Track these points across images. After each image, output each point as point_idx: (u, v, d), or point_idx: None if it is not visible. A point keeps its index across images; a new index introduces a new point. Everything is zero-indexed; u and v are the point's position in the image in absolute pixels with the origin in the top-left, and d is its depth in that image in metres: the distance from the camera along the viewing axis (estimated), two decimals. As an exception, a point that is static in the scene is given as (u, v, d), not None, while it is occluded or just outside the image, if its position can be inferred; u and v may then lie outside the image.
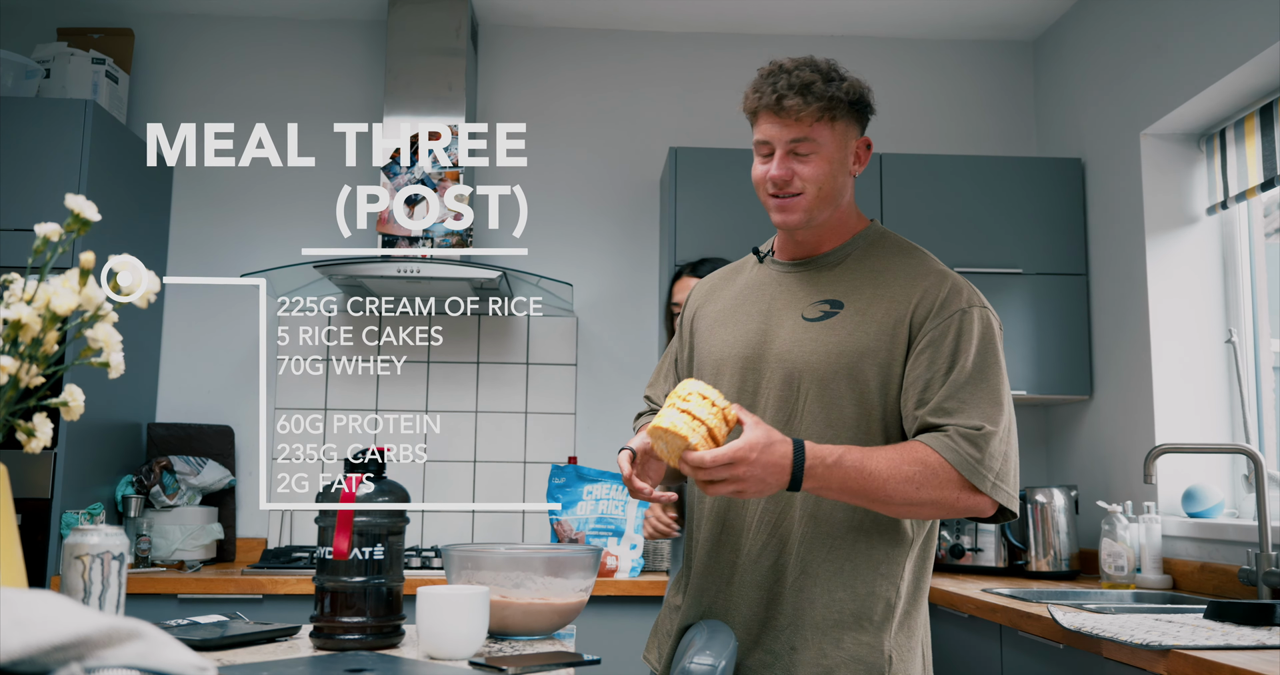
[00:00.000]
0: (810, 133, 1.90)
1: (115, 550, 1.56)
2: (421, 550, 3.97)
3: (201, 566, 3.89)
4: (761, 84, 1.93)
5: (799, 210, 1.94)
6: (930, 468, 1.79)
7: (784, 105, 1.89)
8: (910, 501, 1.79)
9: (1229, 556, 3.26)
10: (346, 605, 1.85)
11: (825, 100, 1.89)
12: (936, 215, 4.16)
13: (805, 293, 2.00)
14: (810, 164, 1.92)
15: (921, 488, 1.78)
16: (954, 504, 1.81)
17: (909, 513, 1.84)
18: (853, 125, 1.96)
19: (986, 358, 1.87)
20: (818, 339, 1.92)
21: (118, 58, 4.26)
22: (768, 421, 1.92)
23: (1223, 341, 3.68)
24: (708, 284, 2.22)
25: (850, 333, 1.91)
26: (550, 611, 1.97)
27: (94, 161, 3.75)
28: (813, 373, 1.91)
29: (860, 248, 2.02)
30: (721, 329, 2.07)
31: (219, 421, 4.30)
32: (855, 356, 1.89)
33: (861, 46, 4.70)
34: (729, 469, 1.69)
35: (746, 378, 1.98)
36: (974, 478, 1.79)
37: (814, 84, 1.89)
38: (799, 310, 1.97)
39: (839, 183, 1.95)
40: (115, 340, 1.37)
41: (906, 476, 1.77)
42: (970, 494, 1.81)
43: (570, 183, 4.56)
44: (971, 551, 4.00)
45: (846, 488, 1.77)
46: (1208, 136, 3.74)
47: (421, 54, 4.26)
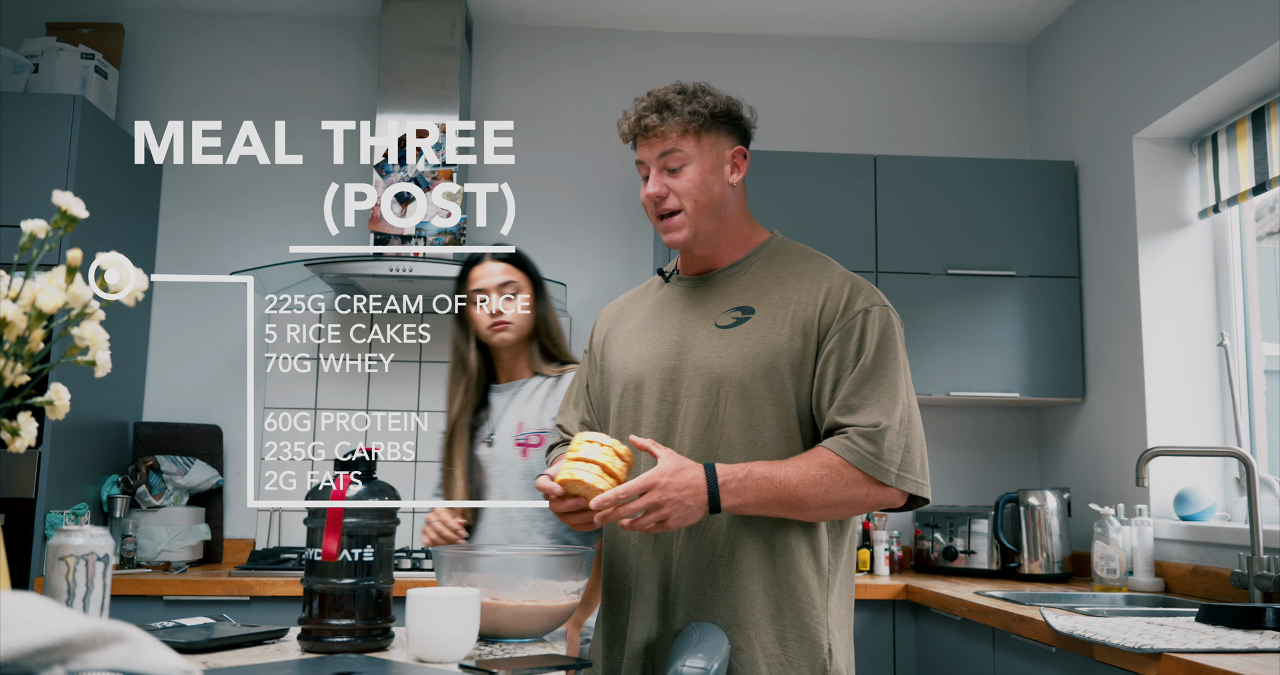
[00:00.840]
0: (677, 145, 2.00)
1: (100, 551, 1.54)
2: (412, 552, 3.96)
3: (188, 568, 3.87)
4: (630, 110, 2.05)
5: (683, 228, 2.01)
6: (835, 469, 1.86)
7: (644, 125, 2.01)
8: (824, 504, 1.86)
9: (1221, 560, 3.26)
10: (335, 608, 1.84)
11: (685, 115, 1.99)
12: (930, 217, 4.16)
13: (715, 303, 2.05)
14: (683, 177, 2.00)
15: (830, 490, 1.85)
16: (864, 500, 1.88)
17: (826, 515, 1.90)
18: (723, 136, 2.04)
19: (885, 354, 1.94)
20: (733, 344, 1.98)
21: (107, 53, 4.24)
22: (690, 429, 1.97)
23: (1215, 345, 3.68)
24: (614, 308, 2.28)
25: (764, 336, 1.97)
26: (542, 614, 1.95)
27: (82, 158, 3.73)
28: (731, 377, 1.96)
29: (763, 257, 2.08)
30: (635, 346, 2.11)
31: (207, 421, 4.28)
32: (771, 358, 1.95)
33: (856, 48, 4.70)
34: (645, 499, 1.77)
35: (666, 389, 2.02)
36: (875, 472, 1.86)
37: (672, 103, 2.01)
38: (711, 319, 2.03)
39: (716, 193, 2.02)
40: (102, 338, 1.35)
41: (815, 480, 1.85)
42: (878, 488, 1.88)
43: (565, 182, 4.54)
44: (964, 553, 4.00)
45: (763, 499, 1.84)
46: (1200, 140, 3.74)
47: (415, 52, 4.24)
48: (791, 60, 4.68)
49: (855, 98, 4.68)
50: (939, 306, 4.10)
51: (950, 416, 4.48)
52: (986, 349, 4.10)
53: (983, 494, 4.42)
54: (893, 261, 4.13)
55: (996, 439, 4.49)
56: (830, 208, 4.15)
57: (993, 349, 4.10)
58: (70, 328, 1.33)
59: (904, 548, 4.28)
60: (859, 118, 4.66)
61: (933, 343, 4.08)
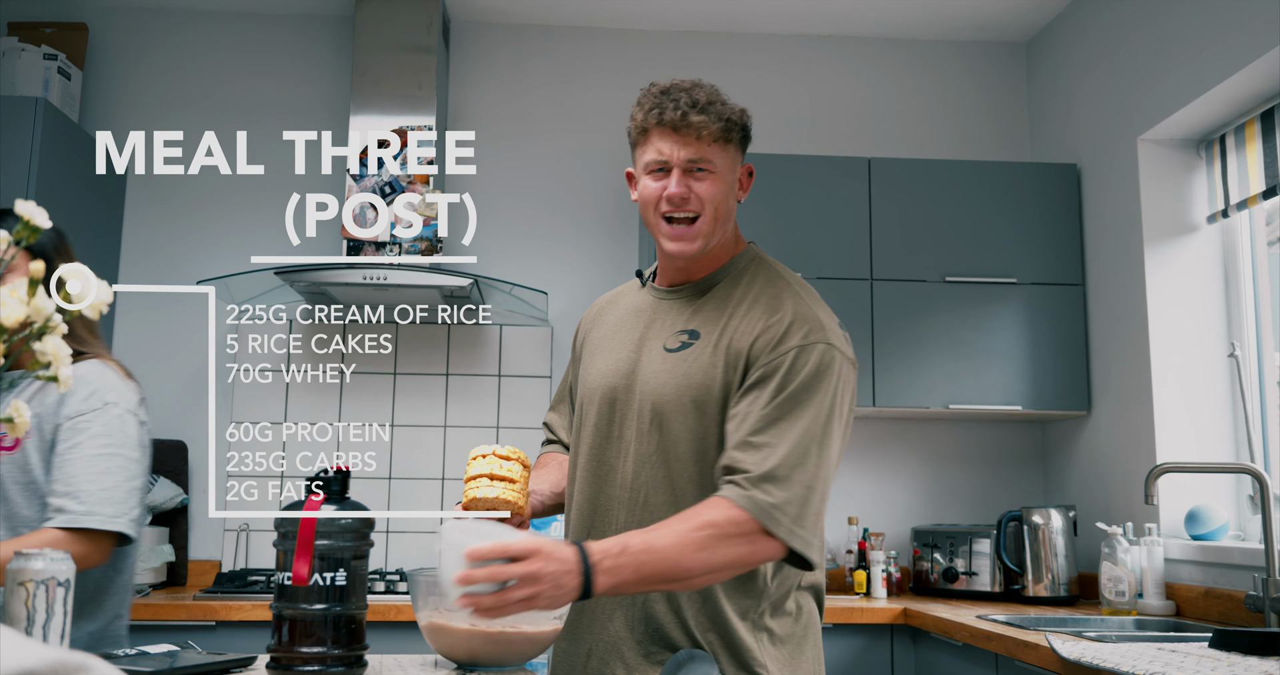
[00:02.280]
0: (708, 154, 1.93)
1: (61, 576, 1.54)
2: (386, 574, 3.95)
3: (150, 591, 3.85)
4: (661, 100, 1.97)
5: (698, 237, 1.96)
6: (719, 526, 1.74)
7: (689, 121, 1.92)
8: (710, 568, 1.75)
9: (1234, 581, 3.27)
10: (306, 634, 1.83)
11: (725, 121, 1.94)
12: (927, 223, 4.17)
13: (670, 322, 2.03)
14: (706, 183, 1.94)
15: (716, 551, 1.74)
16: (749, 558, 1.78)
17: (709, 580, 1.79)
18: (739, 152, 2.01)
19: (807, 394, 1.84)
20: (672, 370, 1.95)
21: (70, 53, 4.23)
22: (629, 453, 1.96)
23: (1225, 355, 3.69)
24: (596, 309, 2.26)
25: (697, 364, 1.93)
26: (522, 641, 1.95)
27: (44, 163, 3.72)
28: (663, 404, 1.93)
29: (730, 275, 2.03)
30: (598, 358, 2.10)
31: (171, 436, 4.26)
32: (701, 389, 1.91)
33: (848, 47, 4.71)
34: (524, 566, 1.63)
35: (614, 409, 2.01)
36: (768, 522, 1.76)
37: (714, 103, 1.94)
38: (662, 341, 2.01)
39: (729, 207, 1.99)
40: (65, 353, 1.35)
41: (699, 544, 1.73)
42: (765, 541, 1.77)
43: (546, 186, 4.55)
44: (965, 575, 4.00)
45: (643, 574, 1.71)
46: (1208, 142, 3.76)
47: (390, 51, 4.25)
48: (781, 59, 4.69)
49: (848, 98, 4.69)
50: (936, 315, 4.11)
51: (949, 431, 4.49)
52: (987, 360, 4.11)
53: (984, 512, 4.43)
54: (888, 269, 4.14)
55: (998, 454, 4.50)
56: (822, 213, 4.16)
57: (993, 360, 4.11)
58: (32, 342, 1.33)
59: (902, 569, 4.28)
60: (852, 119, 4.67)
61: (930, 353, 4.09)
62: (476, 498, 1.87)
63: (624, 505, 1.96)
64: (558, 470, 2.21)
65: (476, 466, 1.90)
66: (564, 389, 2.31)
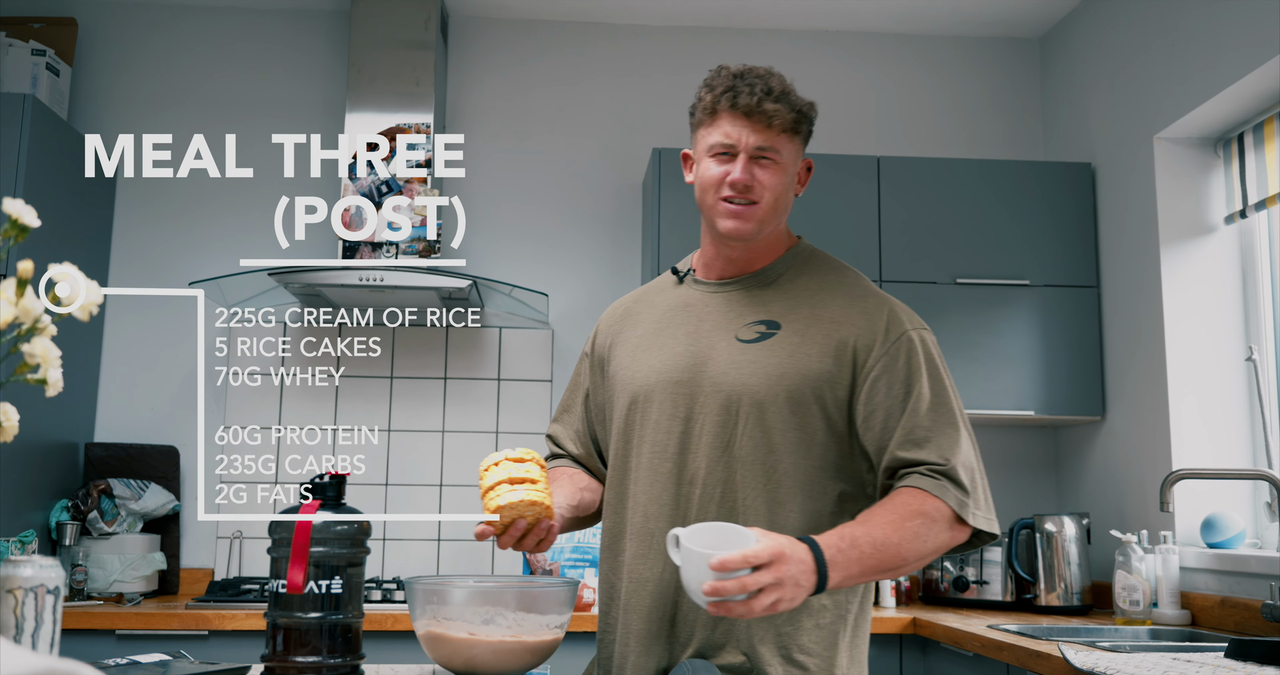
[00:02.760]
0: (776, 143, 1.95)
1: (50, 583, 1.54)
2: (382, 582, 3.95)
3: (142, 599, 3.85)
4: (735, 83, 1.97)
5: (754, 219, 1.97)
6: (928, 516, 1.82)
7: (763, 108, 1.93)
8: (921, 557, 1.83)
9: (1251, 590, 3.27)
10: (301, 643, 1.84)
11: (797, 112, 1.96)
12: (937, 223, 4.17)
13: (737, 313, 2.02)
14: (770, 172, 1.96)
15: (927, 539, 1.82)
16: (949, 544, 1.87)
17: (917, 567, 1.87)
18: (803, 145, 2.03)
19: (939, 381, 1.95)
20: (755, 361, 1.95)
21: (59, 49, 4.24)
22: (705, 451, 1.95)
23: (1243, 359, 3.69)
24: (620, 309, 2.24)
25: (790, 355, 1.94)
26: (523, 650, 1.95)
27: (32, 161, 3.73)
28: (751, 396, 1.93)
29: (792, 266, 2.06)
30: (645, 354, 2.07)
31: (163, 441, 4.27)
32: (797, 380, 1.92)
33: (857, 42, 4.71)
34: (770, 572, 1.64)
35: (678, 403, 1.99)
36: (963, 512, 1.84)
37: (788, 93, 1.96)
38: (732, 332, 2.00)
39: (788, 199, 2.02)
40: (54, 355, 1.35)
41: (914, 533, 1.81)
42: (959, 529, 1.86)
43: (546, 186, 4.55)
44: (976, 584, 4.00)
45: (866, 568, 1.77)
46: (1225, 141, 3.76)
47: (387, 47, 4.25)
48: (787, 55, 4.70)
49: (856, 95, 4.69)
50: (947, 318, 4.11)
51: (960, 436, 4.48)
52: (998, 363, 4.11)
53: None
54: (897, 270, 4.14)
55: (1010, 460, 4.50)
56: (830, 213, 4.16)
57: (1005, 363, 4.11)
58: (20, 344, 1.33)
59: (911, 578, 4.28)
60: (860, 117, 4.68)
61: (941, 357, 4.09)
62: (502, 506, 1.84)
63: (695, 502, 1.94)
64: (570, 484, 2.18)
65: (492, 475, 1.87)
66: (572, 398, 2.27)
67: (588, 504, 2.16)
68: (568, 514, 2.07)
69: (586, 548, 3.85)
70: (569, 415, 2.27)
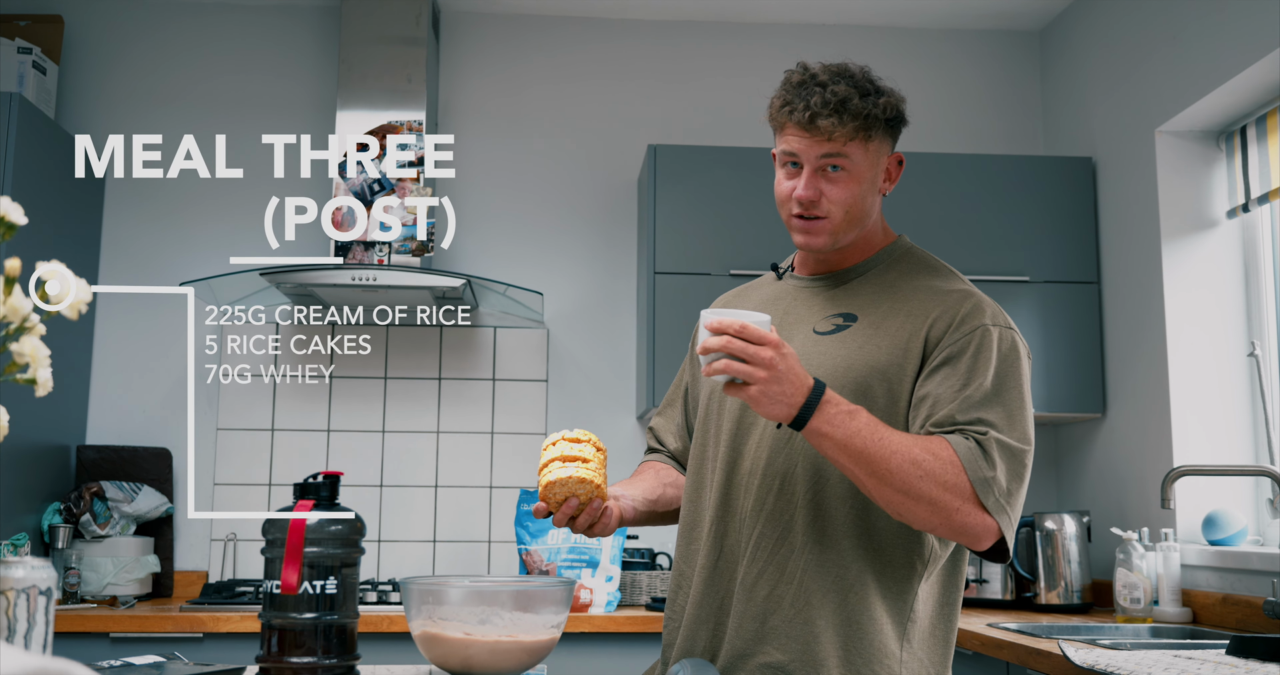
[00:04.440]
0: (844, 150, 1.91)
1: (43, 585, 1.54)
2: (378, 583, 3.96)
3: (136, 602, 3.86)
4: (792, 95, 1.93)
5: (824, 234, 1.95)
6: (942, 461, 1.76)
7: (818, 124, 1.89)
8: (908, 489, 1.75)
9: (1253, 587, 3.28)
10: (296, 644, 1.84)
11: (861, 119, 1.91)
12: (936, 218, 4.17)
13: (820, 307, 2.01)
14: (839, 184, 1.93)
15: (924, 478, 1.74)
16: (951, 514, 1.77)
17: (899, 503, 1.77)
18: (886, 142, 1.99)
19: (1007, 380, 1.86)
20: (826, 353, 1.93)
21: (46, 47, 4.24)
22: (768, 440, 1.93)
23: (1245, 355, 3.70)
24: (723, 300, 2.25)
25: (860, 347, 1.92)
26: (519, 650, 1.96)
27: (19, 161, 3.73)
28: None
29: (883, 263, 2.04)
30: None
31: (155, 443, 4.27)
32: (864, 371, 1.90)
33: (852, 36, 4.72)
34: (761, 349, 1.67)
35: None
36: (979, 485, 1.76)
37: (850, 100, 1.90)
38: (811, 324, 1.99)
39: (868, 204, 1.98)
40: (43, 355, 1.36)
41: (915, 459, 1.75)
42: (972, 508, 1.77)
43: (540, 183, 4.56)
44: (976, 583, 4.01)
45: (850, 444, 1.73)
46: (1227, 134, 3.77)
47: (378, 43, 4.26)
48: (783, 49, 4.69)
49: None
50: (947, 315, 4.11)
51: (960, 434, 4.49)
52: (999, 361, 4.11)
53: (996, 517, 4.43)
54: (897, 267, 4.14)
55: (1011, 458, 4.50)
56: (829, 209, 4.17)
57: (1005, 361, 4.11)
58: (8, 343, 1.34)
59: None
60: (859, 112, 4.67)
61: (941, 354, 4.10)
62: (551, 482, 1.86)
63: (752, 492, 1.93)
64: (654, 478, 2.18)
65: (548, 454, 1.90)
66: (675, 392, 2.28)
67: (670, 499, 2.16)
68: (643, 507, 2.08)
69: (583, 548, 3.86)
70: (671, 409, 2.28)
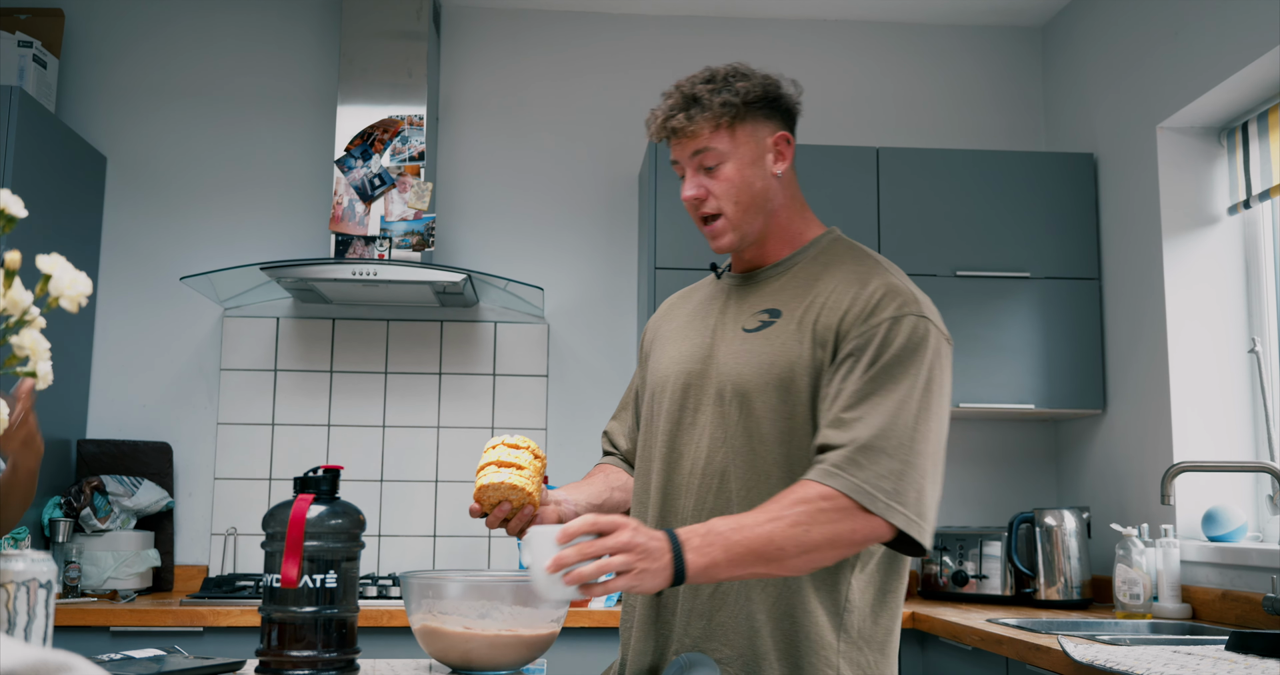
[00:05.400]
0: (709, 143, 1.95)
1: (43, 577, 1.55)
2: (378, 578, 3.96)
3: (136, 596, 3.87)
4: (656, 108, 2.01)
5: (726, 232, 1.99)
6: (812, 502, 1.73)
7: (672, 126, 1.96)
8: (806, 547, 1.72)
9: (1253, 584, 3.28)
10: (296, 638, 1.84)
11: (712, 109, 1.94)
12: (936, 215, 4.18)
13: (749, 303, 2.02)
14: (719, 177, 1.97)
15: (810, 528, 1.72)
16: (850, 536, 1.75)
17: (811, 562, 1.76)
18: (762, 124, 2.00)
19: (905, 368, 1.84)
20: (752, 351, 1.94)
21: (46, 40, 4.24)
22: (705, 439, 1.95)
23: (1245, 351, 3.71)
24: (665, 306, 2.26)
25: (784, 343, 1.92)
26: (519, 644, 1.96)
27: (20, 154, 3.73)
28: (743, 385, 1.92)
29: (809, 255, 2.04)
30: (670, 347, 2.10)
31: (156, 437, 4.28)
32: (786, 367, 1.90)
33: (856, 32, 4.72)
34: (616, 538, 1.64)
35: (687, 395, 2.00)
36: (860, 497, 1.74)
37: (700, 96, 1.95)
38: (741, 322, 2.00)
39: (758, 188, 1.98)
40: (43, 347, 1.36)
41: (792, 520, 1.72)
42: (864, 518, 1.75)
43: (542, 179, 4.56)
44: (975, 579, 4.01)
45: (734, 555, 1.70)
46: (1229, 130, 3.77)
47: (379, 38, 4.25)
48: (785, 45, 4.70)
49: (855, 86, 4.70)
50: (947, 311, 4.07)
51: (960, 430, 4.50)
52: (998, 357, 4.12)
53: (995, 514, 4.44)
54: (896, 263, 4.10)
55: (1010, 454, 4.51)
56: (829, 204, 4.16)
57: (1005, 357, 4.12)
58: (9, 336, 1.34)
59: (910, 572, 4.29)
60: (859, 107, 4.68)
61: (941, 350, 4.10)
62: (484, 485, 1.89)
63: (693, 492, 1.94)
64: (603, 482, 2.19)
65: (485, 457, 1.93)
66: (628, 395, 2.30)
67: (616, 503, 2.17)
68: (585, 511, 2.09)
69: (583, 543, 3.85)
70: (625, 412, 2.29)
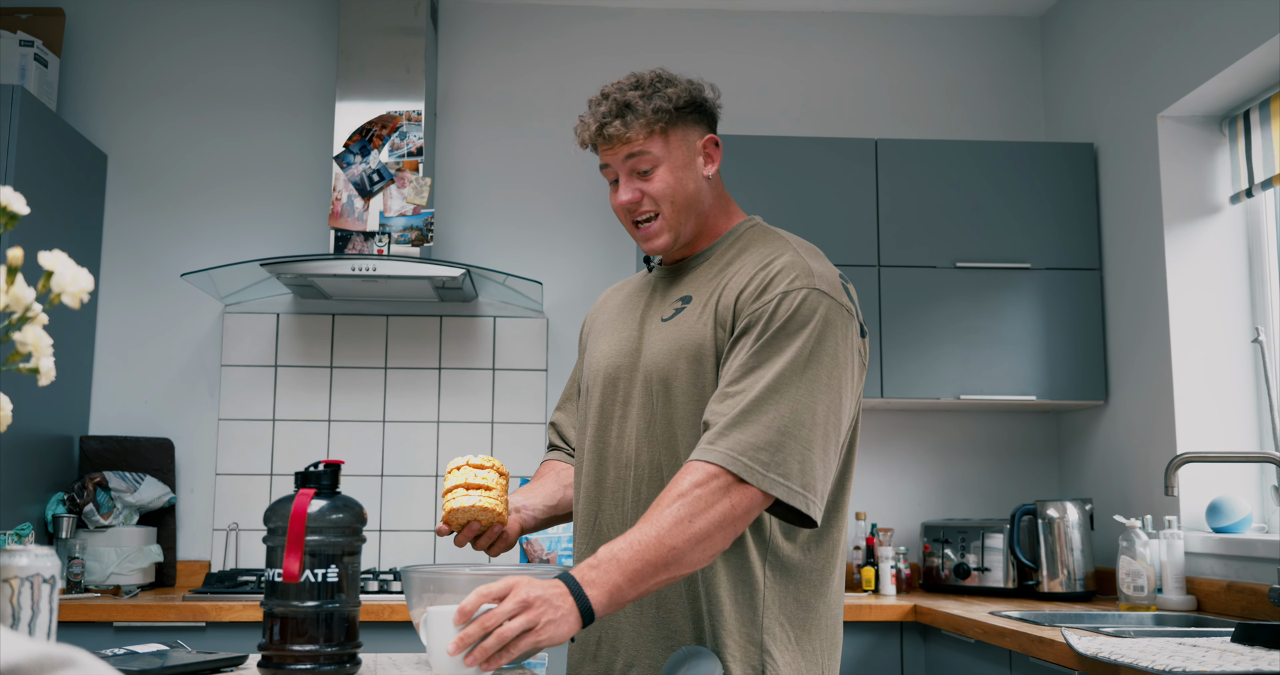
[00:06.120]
0: (643, 148, 1.99)
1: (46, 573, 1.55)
2: (379, 572, 3.96)
3: (139, 591, 3.87)
4: (584, 118, 2.06)
5: (662, 233, 2.02)
6: (689, 492, 1.73)
7: (606, 133, 2.00)
8: (697, 539, 1.72)
9: (1258, 575, 3.28)
10: (298, 632, 1.84)
11: (646, 116, 1.99)
12: (937, 206, 4.18)
13: (670, 294, 2.06)
14: (654, 180, 2.00)
15: (695, 519, 1.71)
16: (732, 513, 1.73)
17: (707, 551, 1.74)
18: (691, 128, 2.05)
19: (791, 340, 1.83)
20: (665, 338, 1.98)
21: (47, 39, 4.24)
22: (634, 430, 1.97)
23: (1249, 341, 3.70)
24: (603, 298, 2.30)
25: (691, 326, 1.95)
26: (521, 637, 1.96)
27: (21, 153, 3.73)
28: (660, 374, 1.95)
29: (725, 243, 2.07)
30: (600, 341, 2.13)
31: (158, 434, 4.28)
32: (693, 349, 1.93)
33: (853, 23, 4.72)
34: (512, 599, 1.63)
35: (616, 387, 2.03)
36: (736, 468, 1.73)
37: (633, 103, 2.00)
38: (660, 313, 2.04)
39: (691, 190, 2.02)
40: (45, 344, 1.36)
41: (675, 517, 1.71)
42: (742, 489, 1.74)
43: (540, 173, 4.56)
44: (977, 571, 4.01)
45: (631, 572, 1.69)
46: (1230, 119, 3.77)
47: (377, 33, 4.25)
48: (784, 37, 4.70)
49: (853, 77, 4.70)
50: (947, 303, 4.12)
51: (961, 422, 4.50)
52: (1000, 348, 4.12)
53: (997, 506, 4.44)
54: (897, 254, 4.15)
55: (1012, 446, 4.52)
56: (828, 196, 4.17)
57: (1007, 348, 4.12)
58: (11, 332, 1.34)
59: (912, 565, 4.30)
60: (857, 99, 4.68)
61: (941, 342, 4.10)
62: (454, 509, 1.93)
63: (629, 484, 1.97)
64: (554, 481, 2.22)
65: (452, 479, 1.97)
66: (571, 387, 2.33)
67: (569, 501, 2.20)
68: (542, 515, 2.14)
69: (586, 537, 3.86)
70: (570, 403, 2.33)
